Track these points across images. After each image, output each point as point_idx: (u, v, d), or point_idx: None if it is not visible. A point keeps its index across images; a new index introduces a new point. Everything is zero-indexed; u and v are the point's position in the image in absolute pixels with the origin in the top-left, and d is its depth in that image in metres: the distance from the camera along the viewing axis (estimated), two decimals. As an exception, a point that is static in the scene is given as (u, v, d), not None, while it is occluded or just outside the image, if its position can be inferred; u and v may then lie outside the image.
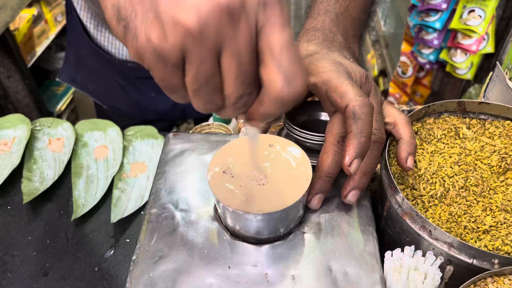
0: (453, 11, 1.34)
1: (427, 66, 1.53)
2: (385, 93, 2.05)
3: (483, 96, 0.65)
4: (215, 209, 0.48)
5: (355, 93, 0.43)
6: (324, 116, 0.54)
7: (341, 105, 0.44)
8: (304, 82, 0.31)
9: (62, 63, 1.08)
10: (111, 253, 0.64)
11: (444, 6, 1.29)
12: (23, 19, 1.67)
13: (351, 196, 0.47)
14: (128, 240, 0.65)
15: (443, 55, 1.44)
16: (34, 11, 1.75)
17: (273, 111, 0.32)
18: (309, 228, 0.47)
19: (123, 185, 0.71)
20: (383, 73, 2.38)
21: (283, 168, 0.45)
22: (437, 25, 1.35)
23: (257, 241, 0.45)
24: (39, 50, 1.81)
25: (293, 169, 0.45)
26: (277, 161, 0.46)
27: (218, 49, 0.29)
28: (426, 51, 1.48)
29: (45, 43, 1.84)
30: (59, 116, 2.00)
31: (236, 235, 0.46)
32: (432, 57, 1.47)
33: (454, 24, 1.33)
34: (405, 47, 1.66)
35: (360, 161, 0.43)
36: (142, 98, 1.01)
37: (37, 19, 1.78)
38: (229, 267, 0.43)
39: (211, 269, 0.43)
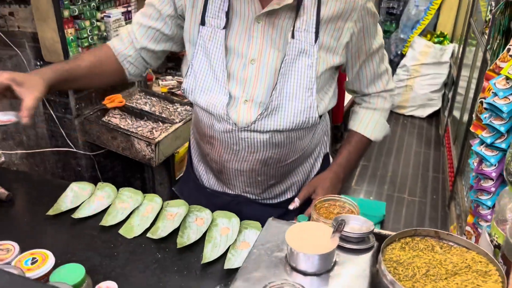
0: (505, 195, 1.67)
1: (486, 238, 1.81)
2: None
3: None
4: (286, 256, 0.90)
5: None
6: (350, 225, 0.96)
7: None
8: None
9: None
10: None
11: (492, 189, 1.64)
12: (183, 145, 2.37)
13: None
14: None
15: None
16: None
17: None
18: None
19: (234, 252, 1.16)
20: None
21: (320, 238, 0.88)
22: (489, 204, 1.68)
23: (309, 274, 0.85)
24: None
25: (325, 239, 0.87)
26: (316, 235, 0.89)
27: None
28: (483, 224, 1.79)
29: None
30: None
31: (296, 270, 0.87)
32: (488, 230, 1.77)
33: (504, 205, 1.65)
34: (469, 218, 1.97)
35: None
36: None
37: (190, 146, 2.49)
38: None
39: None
